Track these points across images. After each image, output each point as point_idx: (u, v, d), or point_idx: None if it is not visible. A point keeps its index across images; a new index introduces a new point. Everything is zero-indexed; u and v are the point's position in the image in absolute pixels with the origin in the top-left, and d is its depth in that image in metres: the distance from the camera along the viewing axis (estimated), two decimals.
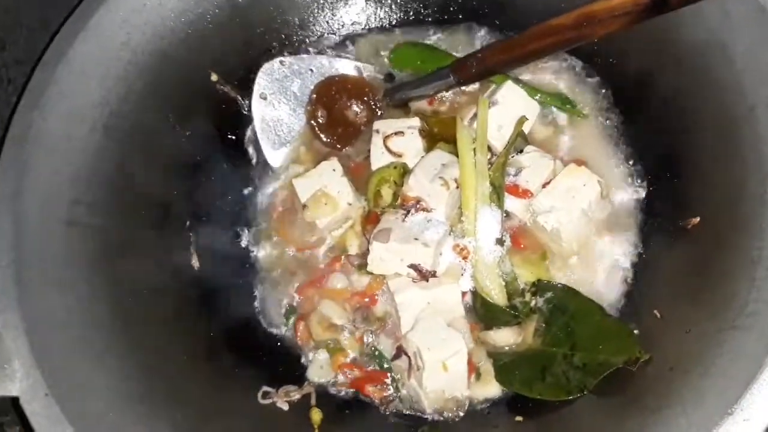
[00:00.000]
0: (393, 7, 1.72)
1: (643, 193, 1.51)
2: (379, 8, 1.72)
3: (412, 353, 1.33)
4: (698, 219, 1.31)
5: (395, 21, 1.73)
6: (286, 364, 1.48)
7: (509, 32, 1.65)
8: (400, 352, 1.38)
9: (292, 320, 1.51)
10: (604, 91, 1.61)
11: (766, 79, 1.20)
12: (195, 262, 1.48)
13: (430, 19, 1.72)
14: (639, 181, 1.52)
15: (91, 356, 1.19)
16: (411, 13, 1.72)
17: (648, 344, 1.23)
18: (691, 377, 1.10)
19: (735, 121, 1.25)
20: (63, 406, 1.07)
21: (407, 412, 1.40)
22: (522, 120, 1.47)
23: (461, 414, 1.36)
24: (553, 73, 1.64)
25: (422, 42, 1.70)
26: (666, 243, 1.41)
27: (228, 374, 1.38)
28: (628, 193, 1.52)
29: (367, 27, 1.74)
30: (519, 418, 1.33)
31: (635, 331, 1.29)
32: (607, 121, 1.59)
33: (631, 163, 1.54)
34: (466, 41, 1.69)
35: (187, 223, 1.50)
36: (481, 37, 1.69)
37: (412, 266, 1.38)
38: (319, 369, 1.44)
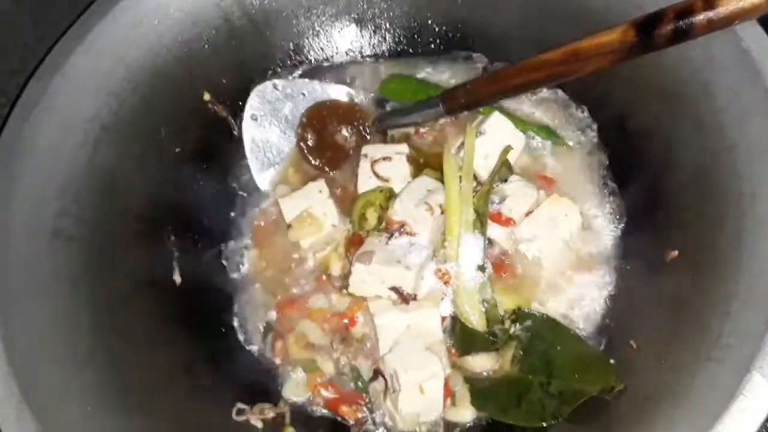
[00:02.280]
0: (386, 37, 1.74)
1: (622, 226, 1.53)
2: (372, 38, 1.75)
3: (389, 375, 1.33)
4: (676, 253, 1.32)
5: (388, 51, 1.76)
6: (262, 381, 1.47)
7: (499, 65, 1.68)
8: (377, 374, 1.38)
9: (269, 338, 1.50)
10: (588, 124, 1.63)
11: (746, 118, 1.23)
12: (177, 278, 1.48)
13: (421, 50, 1.75)
14: (619, 213, 1.54)
15: (70, 366, 1.18)
16: (403, 44, 1.75)
17: (624, 374, 1.24)
18: (665, 407, 1.10)
19: (715, 158, 1.27)
20: (36, 414, 1.06)
21: None
22: (507, 149, 1.50)
23: None
24: (540, 106, 1.67)
25: (412, 76, 1.73)
26: (644, 276, 1.42)
27: (204, 389, 1.37)
28: (609, 226, 1.53)
29: (360, 55, 1.76)
30: None
31: (611, 361, 1.30)
32: (590, 154, 1.61)
33: (612, 196, 1.56)
34: (456, 73, 1.72)
35: (171, 238, 1.50)
36: (470, 69, 1.72)
37: (393, 289, 1.38)
38: (295, 387, 1.44)
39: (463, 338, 1.41)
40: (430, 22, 1.71)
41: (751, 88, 1.21)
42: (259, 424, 1.37)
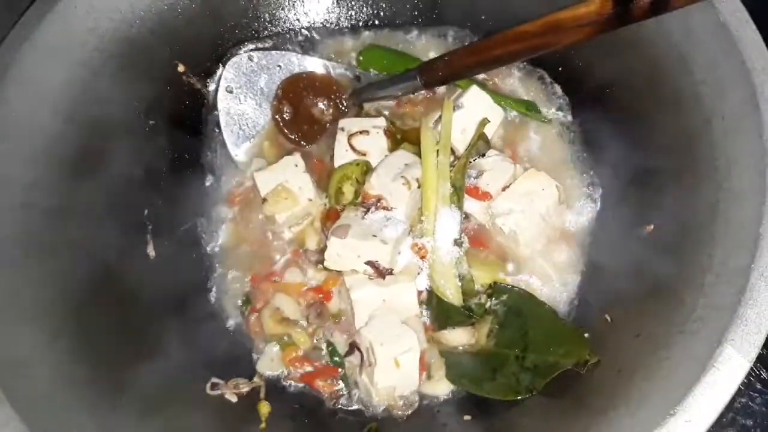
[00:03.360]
0: (363, 8, 1.73)
1: (599, 200, 1.53)
2: (349, 8, 1.73)
3: (365, 349, 1.33)
4: (652, 227, 1.33)
5: (365, 22, 1.74)
6: (237, 356, 1.47)
7: (478, 37, 1.68)
8: (352, 348, 1.37)
9: (245, 312, 1.50)
10: (566, 99, 1.63)
11: (723, 92, 1.23)
12: (150, 251, 1.47)
13: (399, 22, 1.73)
14: (596, 187, 1.54)
15: (39, 339, 1.18)
16: (381, 15, 1.73)
17: (598, 347, 1.25)
18: (638, 379, 1.11)
19: (691, 132, 1.27)
20: (3, 386, 1.06)
21: (356, 407, 1.40)
22: (484, 122, 1.49)
23: (410, 411, 1.36)
24: (519, 80, 1.66)
25: (390, 47, 1.71)
26: (619, 249, 1.42)
27: (178, 364, 1.35)
28: (585, 200, 1.54)
29: (338, 26, 1.74)
30: (467, 417, 1.34)
31: (586, 335, 1.30)
32: (567, 128, 1.61)
33: (588, 170, 1.56)
34: (435, 45, 1.71)
35: (145, 211, 1.49)
36: (450, 41, 1.71)
37: (369, 263, 1.37)
38: (270, 362, 1.44)
39: (439, 312, 1.41)
40: None
41: (728, 61, 1.21)
42: (234, 399, 1.37)
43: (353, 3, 1.72)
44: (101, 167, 1.40)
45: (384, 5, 1.72)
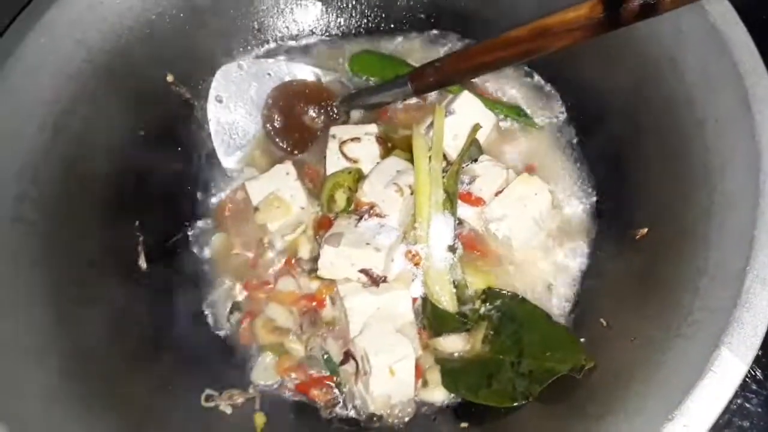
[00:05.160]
0: (353, 14, 1.72)
1: (592, 204, 1.53)
2: (339, 16, 1.72)
3: (360, 357, 1.32)
4: (646, 230, 1.33)
5: (355, 29, 1.74)
6: (230, 366, 1.46)
7: (468, 43, 1.68)
8: (347, 356, 1.36)
9: (236, 317, 1.49)
10: (558, 102, 1.63)
11: (715, 94, 1.22)
12: (142, 263, 1.46)
13: (388, 28, 1.73)
14: (589, 191, 1.54)
15: (29, 355, 1.16)
16: (371, 22, 1.73)
17: (594, 352, 1.24)
18: (635, 384, 1.10)
19: (684, 134, 1.27)
20: None
21: (352, 415, 1.39)
22: (476, 127, 1.49)
23: (407, 419, 1.35)
24: (510, 84, 1.66)
25: (381, 51, 1.71)
26: (614, 253, 1.42)
27: (171, 376, 1.35)
28: (579, 204, 1.53)
29: (328, 33, 1.74)
30: (464, 425, 1.33)
31: (581, 340, 1.29)
32: (560, 133, 1.61)
33: (582, 174, 1.56)
34: (425, 51, 1.70)
35: (136, 222, 1.47)
36: (440, 47, 1.71)
37: (363, 271, 1.37)
38: (264, 372, 1.42)
39: (434, 319, 1.40)
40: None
41: (719, 63, 1.21)
42: (229, 410, 1.35)
43: (343, 10, 1.72)
44: (90, 179, 1.39)
45: (373, 12, 1.72)
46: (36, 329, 1.20)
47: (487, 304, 1.39)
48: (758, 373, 1.42)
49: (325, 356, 1.41)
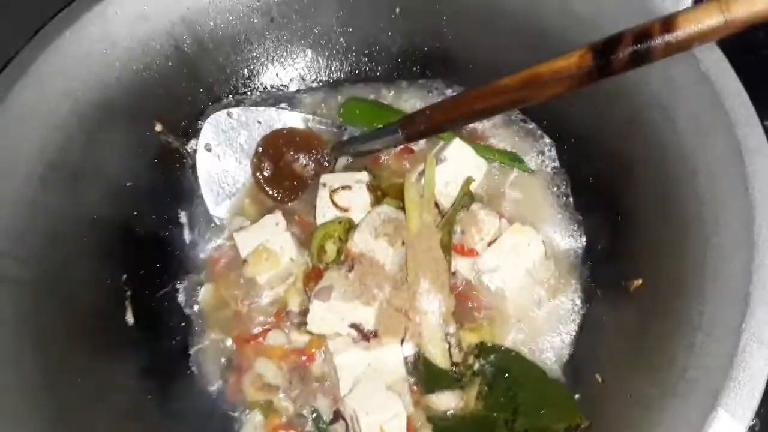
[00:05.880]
0: (344, 62, 1.71)
1: (586, 254, 1.51)
2: (329, 63, 1.71)
3: (349, 417, 1.29)
4: (641, 281, 1.30)
5: (345, 77, 1.73)
6: (218, 425, 1.42)
7: (459, 90, 1.67)
8: (337, 416, 1.34)
9: (227, 378, 1.46)
10: (550, 150, 1.61)
11: (707, 143, 1.20)
12: (129, 318, 1.43)
13: (379, 76, 1.72)
14: (583, 241, 1.52)
15: (14, 414, 1.14)
16: (360, 70, 1.72)
17: (589, 409, 1.22)
18: None
19: (677, 183, 1.25)
20: None
21: None
22: (469, 181, 1.48)
23: None
24: (501, 131, 1.64)
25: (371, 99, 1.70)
26: (608, 306, 1.40)
27: None
28: (572, 254, 1.52)
29: (318, 81, 1.73)
30: None
31: (576, 396, 1.27)
32: (553, 179, 1.59)
33: (574, 223, 1.54)
34: (416, 98, 1.69)
35: (123, 277, 1.45)
36: (431, 94, 1.70)
37: (353, 326, 1.34)
38: (253, 430, 1.39)
39: (426, 376, 1.37)
40: (388, 47, 1.68)
41: (711, 112, 1.19)
42: None
43: (333, 58, 1.71)
44: (77, 234, 1.37)
45: (364, 60, 1.71)
46: (20, 389, 1.18)
47: (481, 359, 1.37)
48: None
49: (314, 415, 1.38)
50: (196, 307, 1.54)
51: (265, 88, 1.70)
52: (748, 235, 1.09)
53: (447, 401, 1.35)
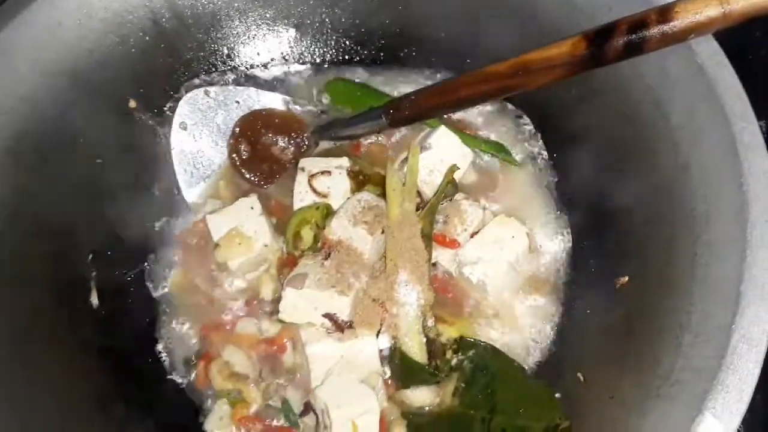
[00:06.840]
0: (328, 43, 1.67)
1: (571, 248, 1.47)
2: (312, 44, 1.67)
3: (320, 410, 1.24)
4: (627, 278, 1.27)
5: (328, 58, 1.68)
6: (184, 414, 1.37)
7: (446, 76, 1.63)
8: (307, 408, 1.28)
9: (194, 366, 1.40)
10: (538, 141, 1.58)
11: (701, 138, 1.17)
12: (94, 300, 1.37)
13: (364, 59, 1.68)
14: (568, 235, 1.49)
15: None
16: (344, 52, 1.68)
17: (570, 409, 1.19)
18: None
19: (668, 178, 1.22)
20: None
21: None
22: (453, 169, 1.44)
23: None
24: (488, 120, 1.61)
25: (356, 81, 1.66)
26: (593, 302, 1.36)
27: (121, 425, 1.27)
28: (557, 248, 1.48)
29: (301, 62, 1.68)
30: None
31: (557, 395, 1.23)
32: (540, 171, 1.56)
33: (561, 216, 1.50)
34: (401, 83, 1.65)
35: (89, 256, 1.40)
36: (416, 80, 1.65)
37: (327, 316, 1.30)
38: (218, 420, 1.34)
39: (402, 370, 1.33)
40: (374, 30, 1.64)
41: (705, 106, 1.16)
42: None
43: (317, 38, 1.66)
44: (40, 211, 1.32)
45: (349, 42, 1.66)
46: None
47: (459, 354, 1.32)
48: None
49: (285, 406, 1.32)
50: (164, 291, 1.49)
51: (246, 67, 1.65)
52: (740, 233, 1.05)
53: (422, 397, 1.30)
